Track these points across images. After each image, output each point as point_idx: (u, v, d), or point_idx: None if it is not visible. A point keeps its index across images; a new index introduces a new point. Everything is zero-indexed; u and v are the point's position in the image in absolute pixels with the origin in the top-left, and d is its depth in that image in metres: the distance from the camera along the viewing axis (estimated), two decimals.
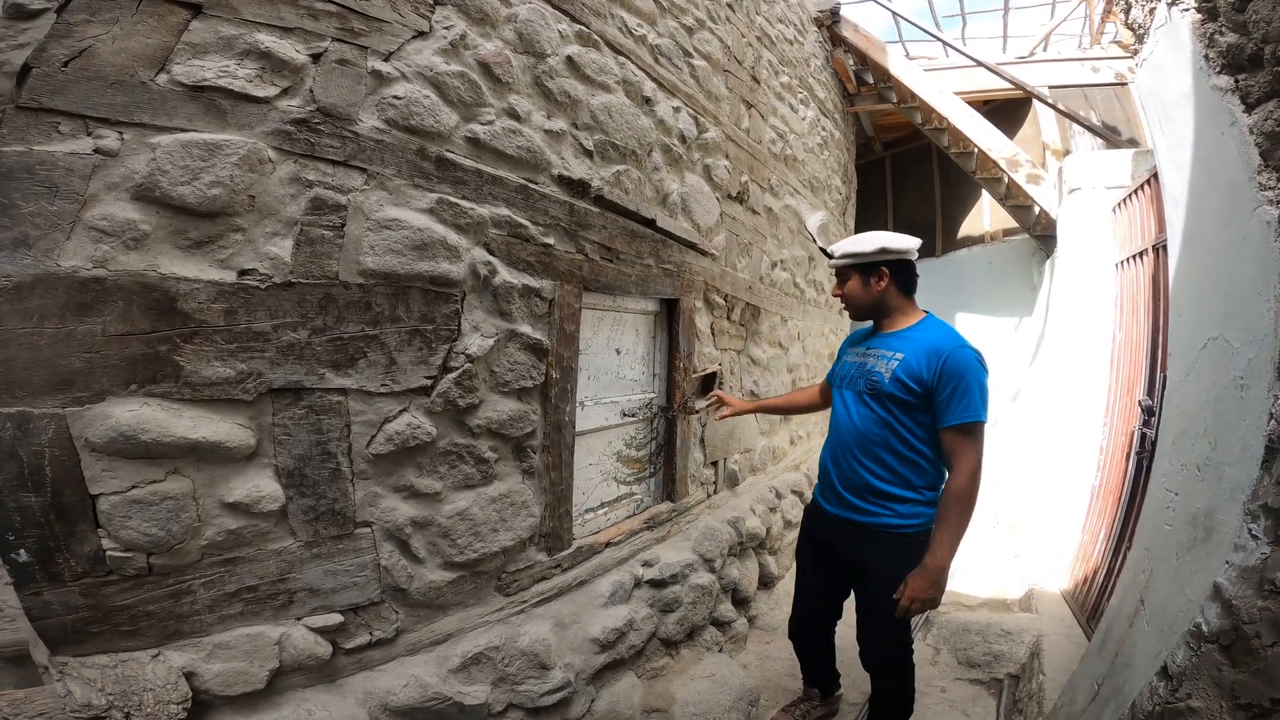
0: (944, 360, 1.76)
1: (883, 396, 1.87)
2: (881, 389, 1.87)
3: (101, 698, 1.23)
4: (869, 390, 1.91)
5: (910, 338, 1.90)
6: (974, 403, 1.75)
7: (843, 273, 2.02)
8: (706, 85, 3.16)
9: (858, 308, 2.03)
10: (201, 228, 1.38)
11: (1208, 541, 1.52)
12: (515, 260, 2.02)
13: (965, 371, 1.75)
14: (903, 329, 1.95)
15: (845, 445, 1.98)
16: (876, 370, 1.90)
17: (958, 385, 1.75)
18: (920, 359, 1.81)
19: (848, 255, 1.97)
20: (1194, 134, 1.88)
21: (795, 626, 2.33)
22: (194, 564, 1.40)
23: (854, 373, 2.01)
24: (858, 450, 1.94)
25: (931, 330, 1.89)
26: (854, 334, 2.23)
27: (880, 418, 1.89)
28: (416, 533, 1.79)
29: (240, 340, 1.42)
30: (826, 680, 2.46)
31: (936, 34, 5.77)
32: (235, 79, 1.43)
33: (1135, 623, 1.84)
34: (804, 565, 2.28)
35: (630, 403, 2.75)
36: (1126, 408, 3.18)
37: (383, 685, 1.69)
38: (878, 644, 2.05)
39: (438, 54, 1.82)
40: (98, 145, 1.28)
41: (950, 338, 1.83)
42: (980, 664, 3.02)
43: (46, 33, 1.24)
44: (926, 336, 1.87)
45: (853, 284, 1.99)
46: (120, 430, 1.27)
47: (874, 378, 1.90)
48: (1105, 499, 3.23)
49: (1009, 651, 3.00)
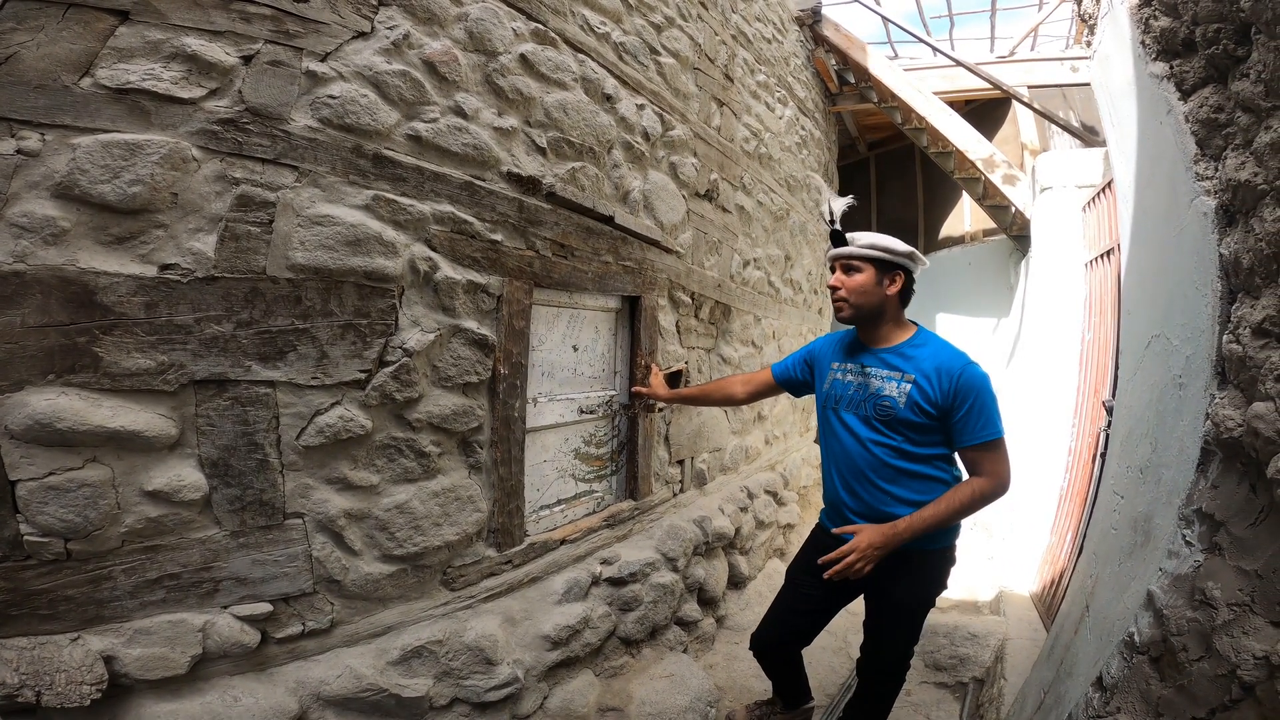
0: (957, 379, 1.72)
1: (897, 423, 1.78)
2: (896, 415, 1.78)
3: (14, 677, 1.27)
4: (880, 416, 1.81)
5: (914, 356, 1.81)
6: (992, 418, 1.72)
7: (853, 265, 1.85)
8: (674, 83, 3.17)
9: (859, 306, 1.85)
10: (122, 224, 1.42)
11: (1146, 547, 1.48)
12: (459, 256, 2.05)
13: (980, 389, 1.72)
14: (899, 344, 1.86)
15: (859, 473, 1.86)
16: (886, 394, 1.80)
17: (974, 404, 1.71)
18: (932, 381, 1.74)
19: (875, 247, 1.82)
20: (1137, 125, 1.84)
21: (766, 641, 2.21)
22: (114, 550, 1.43)
23: (854, 395, 1.88)
24: (876, 478, 1.83)
25: (933, 346, 1.82)
26: (830, 342, 2.09)
27: (895, 446, 1.80)
28: (351, 525, 1.81)
29: (161, 333, 1.45)
30: (796, 693, 2.35)
31: (918, 34, 5.75)
32: (160, 81, 1.46)
33: (1080, 630, 1.81)
34: (796, 587, 2.14)
35: (589, 400, 2.76)
36: (1094, 409, 3.16)
37: (316, 675, 1.72)
38: (889, 657, 2.03)
39: (379, 54, 1.85)
40: (20, 146, 1.32)
41: (955, 355, 1.78)
42: (946, 667, 2.99)
43: None
44: (932, 355, 1.79)
45: (864, 278, 1.83)
46: (36, 418, 1.31)
47: (884, 403, 1.80)
48: (1073, 501, 3.21)
49: (975, 655, 2.97)
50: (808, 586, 2.07)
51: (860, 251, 1.84)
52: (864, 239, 1.86)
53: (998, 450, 1.74)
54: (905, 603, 1.91)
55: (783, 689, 2.34)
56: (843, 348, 2.01)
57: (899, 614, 1.94)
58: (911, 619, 1.96)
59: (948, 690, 2.91)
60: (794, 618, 2.15)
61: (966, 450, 1.76)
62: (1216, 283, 1.29)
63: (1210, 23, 1.32)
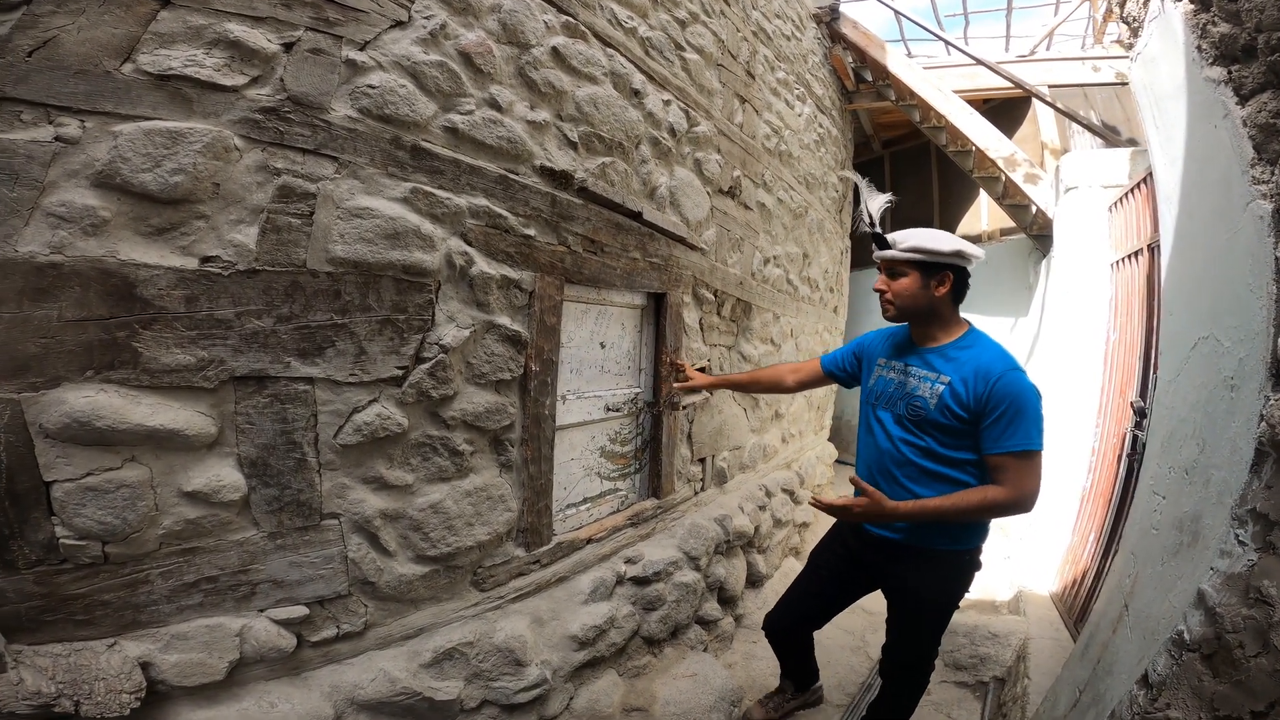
0: (993, 384, 1.64)
1: (926, 424, 1.74)
2: (925, 416, 1.73)
3: (51, 686, 1.22)
4: (911, 416, 1.77)
5: (956, 358, 1.75)
6: (1028, 429, 1.61)
7: (897, 268, 1.79)
8: (699, 79, 3.13)
9: (906, 310, 1.82)
10: (163, 214, 1.37)
11: (1193, 547, 1.47)
12: (494, 251, 2.00)
13: (1017, 395, 1.62)
14: (945, 344, 1.80)
15: (888, 471, 1.83)
16: (919, 394, 1.76)
17: (1007, 410, 1.62)
18: (969, 384, 1.67)
19: (918, 250, 1.73)
20: (1186, 128, 1.84)
21: (780, 622, 2.28)
22: (151, 554, 1.39)
23: (893, 393, 1.85)
24: (901, 476, 1.80)
25: (979, 349, 1.75)
26: (881, 338, 2.05)
27: (924, 446, 1.76)
28: (387, 525, 1.77)
29: (201, 327, 1.41)
30: (805, 673, 2.47)
31: (936, 31, 5.71)
32: (203, 68, 1.41)
33: (1119, 629, 1.80)
34: (819, 571, 2.16)
35: (615, 397, 2.72)
36: (1119, 409, 3.14)
37: (350, 679, 1.68)
38: (907, 656, 2.01)
39: (416, 44, 1.80)
40: (59, 133, 1.27)
41: (1000, 358, 1.70)
42: (967, 666, 2.98)
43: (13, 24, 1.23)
44: (974, 357, 1.72)
45: (909, 282, 1.77)
46: (74, 416, 1.26)
47: (916, 403, 1.76)
48: (1096, 501, 3.19)
49: (995, 654, 2.96)
50: (827, 573, 2.12)
51: (903, 255, 1.77)
52: (908, 240, 1.77)
53: (1025, 463, 1.62)
54: (925, 600, 1.89)
55: (792, 670, 2.41)
56: (893, 345, 1.97)
57: (920, 611, 1.93)
58: (933, 617, 1.93)
59: (968, 689, 2.91)
60: (809, 601, 2.19)
61: (991, 456, 1.66)
62: (1272, 285, 1.27)
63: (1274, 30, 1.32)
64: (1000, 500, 1.64)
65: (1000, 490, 1.64)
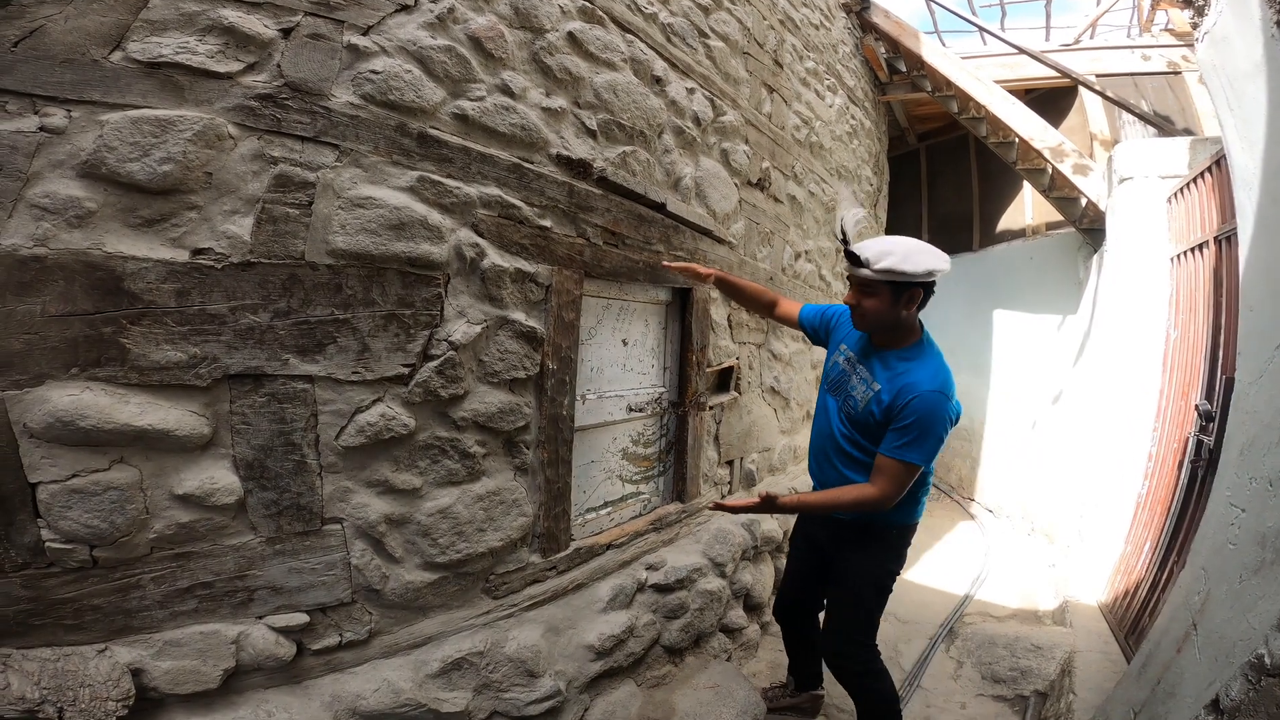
0: (909, 401, 1.72)
1: (857, 422, 1.89)
2: (856, 415, 1.88)
3: (35, 691, 1.17)
4: (846, 410, 1.93)
5: (894, 367, 1.82)
6: (922, 447, 1.72)
7: (869, 285, 1.76)
8: (724, 67, 3.00)
9: (874, 326, 1.85)
10: (153, 205, 1.32)
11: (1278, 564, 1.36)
12: (507, 243, 1.92)
13: (927, 416, 1.70)
14: (891, 352, 1.86)
15: (824, 452, 2.02)
16: (855, 394, 1.89)
17: (913, 425, 1.71)
18: (894, 395, 1.76)
19: (891, 272, 1.69)
20: (1268, 109, 1.72)
21: (778, 608, 2.43)
22: (142, 558, 1.34)
23: (840, 381, 1.98)
24: (836, 458, 1.97)
25: (918, 362, 1.80)
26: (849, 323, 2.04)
27: (852, 438, 1.92)
28: (392, 531, 1.70)
29: (193, 323, 1.35)
30: (805, 673, 2.49)
31: (975, 20, 5.44)
32: (195, 55, 1.36)
33: (1184, 648, 1.71)
34: (794, 553, 2.37)
35: (638, 397, 2.62)
36: (1180, 412, 2.93)
37: (352, 689, 1.61)
38: (838, 637, 2.08)
39: (423, 28, 1.72)
40: (43, 123, 1.22)
41: (931, 377, 1.74)
42: (1005, 679, 2.83)
43: None
44: (909, 370, 1.78)
45: (878, 301, 1.76)
46: (58, 415, 1.21)
47: (851, 401, 1.90)
48: (1153, 509, 2.99)
49: (1038, 667, 2.80)
50: (797, 556, 2.34)
51: (874, 277, 1.73)
52: (882, 260, 1.70)
53: (905, 472, 1.74)
54: (862, 569, 2.01)
55: (796, 665, 2.50)
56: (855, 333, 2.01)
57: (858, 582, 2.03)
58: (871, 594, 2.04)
59: (1006, 704, 2.76)
60: (791, 583, 2.36)
61: (882, 457, 1.77)
62: None
63: None
64: (870, 498, 1.77)
65: (872, 490, 1.77)
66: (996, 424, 5.86)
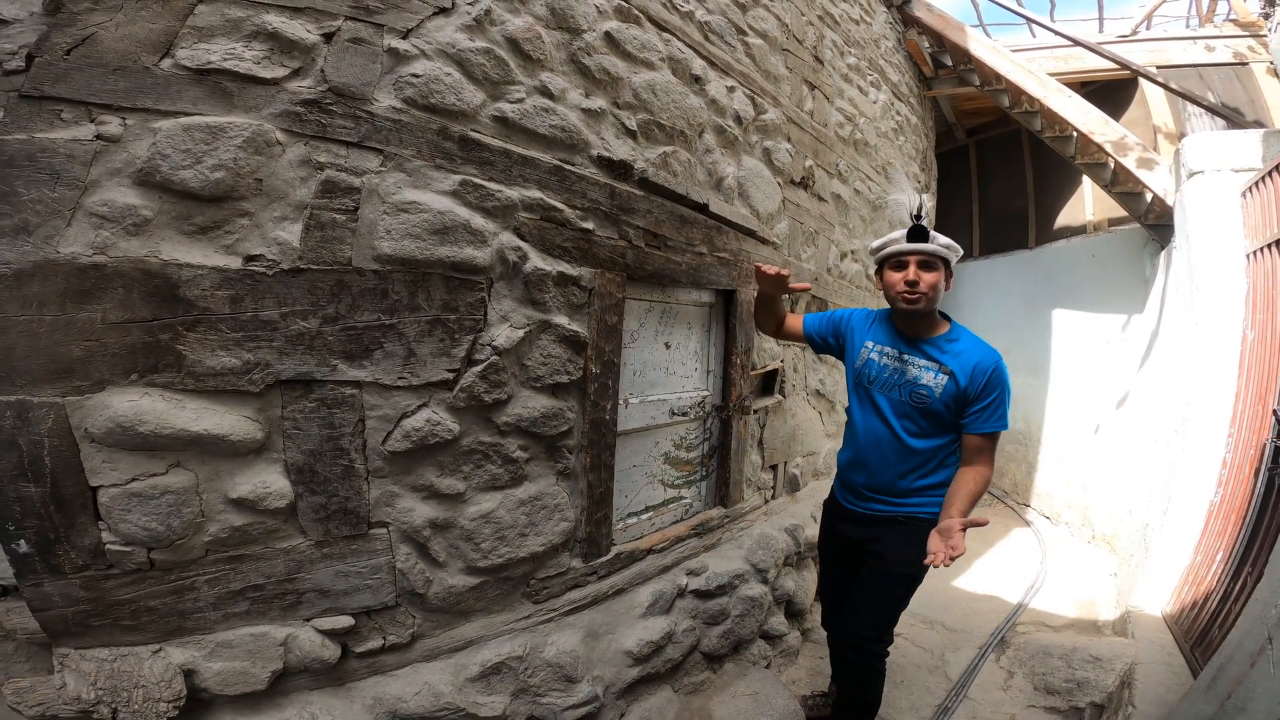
0: (989, 374, 1.81)
1: (930, 412, 1.88)
2: (930, 406, 1.87)
3: (91, 692, 1.20)
4: (914, 403, 1.90)
5: (952, 350, 1.87)
6: (1005, 412, 1.84)
7: (930, 261, 1.85)
8: (763, 64, 2.94)
9: (931, 304, 1.87)
10: (205, 212, 1.34)
11: None
12: (549, 246, 1.90)
13: (1005, 385, 1.83)
14: (936, 337, 1.91)
15: (881, 454, 1.97)
16: (923, 383, 1.87)
17: (997, 397, 1.82)
18: (968, 377, 1.82)
19: (950, 248, 1.86)
20: None
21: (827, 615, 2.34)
22: (197, 560, 1.36)
23: (890, 378, 1.94)
24: (893, 456, 1.95)
25: (970, 343, 1.89)
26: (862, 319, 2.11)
27: (924, 429, 1.91)
28: (436, 535, 1.70)
29: (246, 329, 1.36)
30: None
31: (1025, 13, 5.23)
32: (242, 61, 1.37)
33: (1259, 663, 1.67)
34: (826, 557, 2.32)
35: (680, 401, 2.58)
36: (1258, 417, 2.76)
37: (393, 691, 1.61)
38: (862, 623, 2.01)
39: (461, 30, 1.72)
40: (99, 131, 1.25)
41: (989, 351, 1.86)
42: (1059, 691, 2.70)
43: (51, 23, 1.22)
44: (969, 350, 1.86)
45: (937, 276, 1.85)
46: (118, 421, 1.23)
47: (921, 391, 1.88)
48: (1226, 518, 2.82)
49: (1095, 679, 2.66)
50: (829, 560, 2.29)
51: (941, 251, 1.84)
52: (940, 238, 1.87)
53: (995, 443, 1.86)
54: (897, 564, 1.96)
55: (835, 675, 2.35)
56: (880, 329, 2.03)
57: (891, 573, 1.98)
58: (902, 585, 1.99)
59: (1059, 715, 2.64)
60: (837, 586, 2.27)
61: (975, 437, 1.84)
62: None
63: None
64: (987, 478, 1.83)
65: (986, 470, 1.83)
66: (1055, 428, 5.61)
